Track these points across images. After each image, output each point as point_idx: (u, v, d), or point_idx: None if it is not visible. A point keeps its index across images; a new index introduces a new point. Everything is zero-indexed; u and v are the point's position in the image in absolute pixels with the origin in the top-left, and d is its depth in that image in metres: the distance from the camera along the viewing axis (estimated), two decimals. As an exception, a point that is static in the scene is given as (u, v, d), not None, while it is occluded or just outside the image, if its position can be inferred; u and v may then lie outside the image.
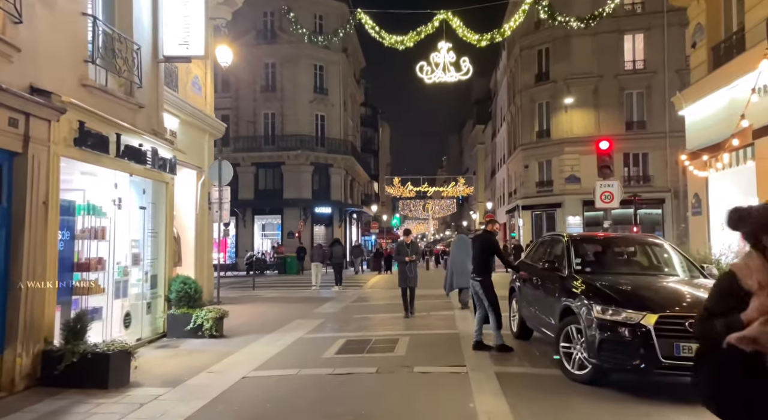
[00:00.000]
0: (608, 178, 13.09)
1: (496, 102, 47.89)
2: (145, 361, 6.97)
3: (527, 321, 7.61)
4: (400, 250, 10.99)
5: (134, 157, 7.46)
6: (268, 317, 11.08)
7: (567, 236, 6.94)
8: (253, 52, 34.63)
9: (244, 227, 34.64)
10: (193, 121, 12.46)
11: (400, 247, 11.03)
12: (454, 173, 68.80)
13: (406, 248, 10.85)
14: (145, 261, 8.22)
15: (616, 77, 30.00)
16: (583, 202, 30.06)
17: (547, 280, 6.82)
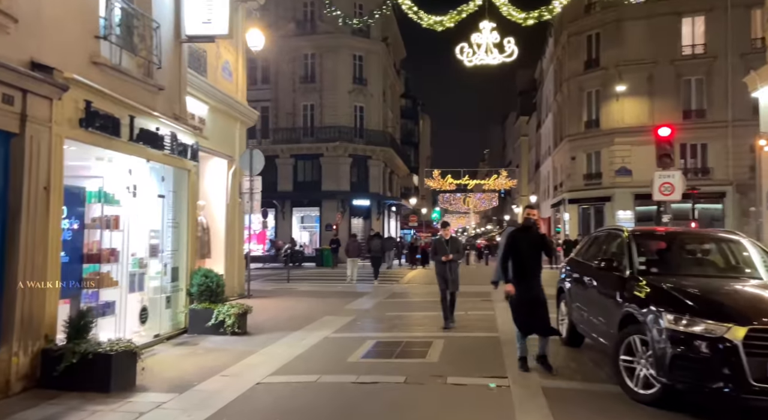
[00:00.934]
0: (668, 168, 11.88)
1: (542, 92, 46.08)
2: (158, 360, 6.52)
3: (578, 325, 6.73)
4: (437, 248, 9.10)
5: (150, 142, 6.99)
6: (296, 312, 10.55)
7: (627, 231, 6.01)
8: (293, 43, 34.37)
9: (282, 219, 34.56)
10: (223, 108, 12.04)
11: (438, 244, 9.15)
12: (496, 166, 67.02)
13: (444, 245, 9.01)
14: (165, 252, 7.78)
15: (672, 63, 28.05)
16: (634, 196, 28.37)
17: (603, 281, 5.93)
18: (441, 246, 9.05)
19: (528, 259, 5.95)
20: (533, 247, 6.02)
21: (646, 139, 28.01)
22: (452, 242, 9.18)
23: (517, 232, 6.14)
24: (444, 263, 8.88)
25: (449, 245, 9.02)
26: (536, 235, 6.14)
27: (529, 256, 5.96)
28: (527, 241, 6.00)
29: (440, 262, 8.92)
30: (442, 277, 8.93)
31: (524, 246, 5.97)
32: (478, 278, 20.74)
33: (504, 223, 32.06)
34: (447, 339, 7.66)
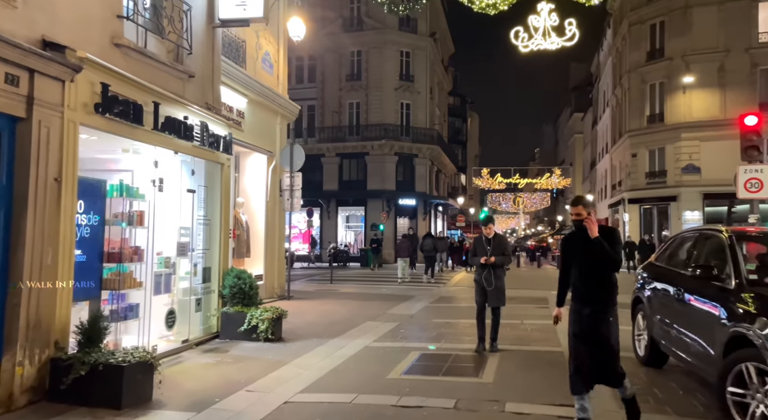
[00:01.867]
0: (755, 161, 10.46)
1: (598, 87, 43.83)
2: (183, 369, 5.96)
3: (661, 343, 5.68)
4: (477, 248, 7.30)
5: (178, 132, 6.45)
6: (336, 316, 9.88)
7: (727, 231, 4.94)
8: (339, 41, 34.03)
9: (328, 219, 34.26)
10: (263, 102, 11.55)
11: (477, 244, 7.32)
12: (548, 165, 64.69)
13: (484, 245, 7.19)
14: (195, 252, 7.25)
15: (747, 51, 25.74)
16: (703, 195, 26.28)
17: (698, 292, 4.89)
18: (481, 246, 7.22)
19: (587, 274, 4.14)
20: (593, 256, 4.07)
21: (716, 134, 25.94)
22: (496, 242, 7.19)
23: (572, 236, 4.35)
24: (483, 267, 7.08)
25: (491, 245, 7.14)
26: (596, 240, 4.07)
27: (588, 270, 4.14)
28: (584, 249, 4.11)
29: (479, 266, 7.19)
30: (479, 286, 7.14)
31: (581, 255, 4.18)
32: (531, 282, 19.53)
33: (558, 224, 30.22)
34: (503, 354, 6.76)
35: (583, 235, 4.09)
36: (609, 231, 4.19)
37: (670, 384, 5.43)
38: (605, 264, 4.08)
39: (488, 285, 7.03)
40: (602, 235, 4.05)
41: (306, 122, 35.22)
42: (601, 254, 4.02)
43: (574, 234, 4.28)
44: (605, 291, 4.12)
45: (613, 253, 4.05)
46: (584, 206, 4.12)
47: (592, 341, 4.07)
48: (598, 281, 4.12)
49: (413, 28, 34.58)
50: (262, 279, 11.73)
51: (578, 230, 4.18)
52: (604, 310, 4.08)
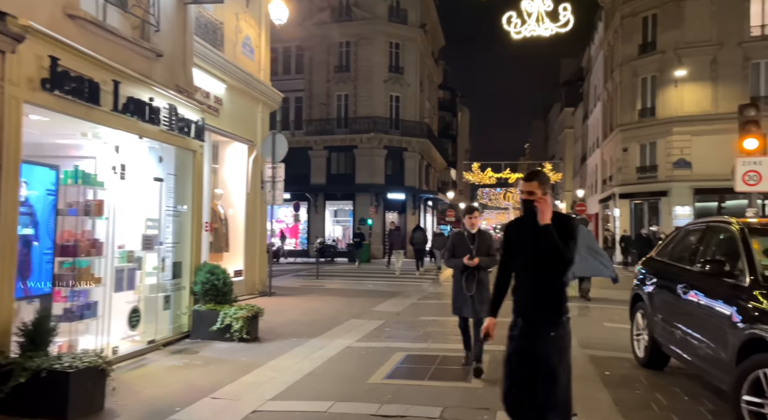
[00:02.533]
0: (755, 134, 10.06)
1: (589, 81, 43.60)
2: (145, 373, 5.46)
3: (663, 344, 5.27)
4: (456, 246, 5.80)
5: (141, 114, 5.92)
6: (319, 314, 9.41)
7: (740, 224, 4.53)
8: (327, 32, 33.36)
9: (316, 213, 33.70)
10: (243, 88, 11.00)
11: (458, 240, 5.85)
12: (538, 160, 64.54)
13: (467, 242, 5.72)
14: (164, 245, 6.73)
15: (740, 45, 25.50)
16: (694, 191, 26.10)
17: (707, 289, 4.48)
18: (462, 243, 5.73)
19: (532, 274, 3.09)
20: (541, 252, 3.02)
21: (708, 129, 25.73)
22: (481, 238, 5.72)
23: (518, 223, 3.30)
24: (465, 270, 5.63)
25: (476, 242, 5.66)
26: (545, 229, 3.01)
27: (534, 269, 3.08)
28: (533, 240, 3.06)
29: (459, 269, 5.70)
30: (458, 294, 5.71)
31: (527, 249, 3.11)
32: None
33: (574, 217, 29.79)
34: (493, 354, 6.31)
35: (533, 223, 3.00)
36: (564, 220, 3.07)
37: (674, 388, 5.03)
38: (554, 262, 2.99)
39: (468, 291, 5.58)
40: (555, 225, 2.98)
41: (293, 114, 34.58)
42: (548, 247, 2.94)
43: (521, 221, 3.19)
44: (551, 298, 3.06)
45: (564, 248, 2.95)
46: (540, 183, 3.03)
47: (531, 366, 2.98)
48: (543, 285, 3.05)
49: (403, 18, 34.01)
50: (242, 274, 11.23)
51: (528, 215, 3.06)
52: (547, 321, 3.03)
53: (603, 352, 6.43)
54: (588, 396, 4.82)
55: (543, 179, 3.08)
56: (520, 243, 3.15)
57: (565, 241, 2.97)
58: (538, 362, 2.97)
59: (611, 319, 9.08)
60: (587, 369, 5.66)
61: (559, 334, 3.05)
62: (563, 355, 3.04)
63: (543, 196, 3.02)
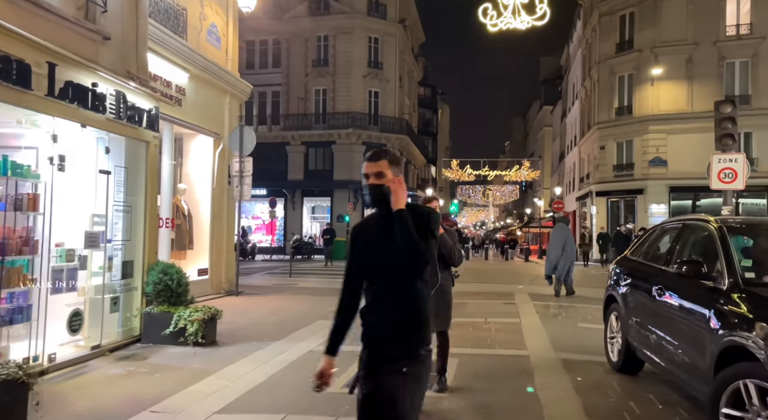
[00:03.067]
0: (729, 150, 10.02)
1: (568, 79, 43.77)
2: (83, 383, 5.02)
3: (638, 349, 5.02)
4: None
5: (83, 101, 5.45)
6: (286, 314, 9.01)
7: (718, 221, 4.27)
8: (305, 25, 32.81)
9: (293, 210, 33.20)
10: (208, 78, 10.50)
11: None
12: (517, 158, 64.80)
13: None
14: (112, 243, 6.27)
15: (714, 44, 25.74)
16: (669, 189, 26.30)
17: (683, 292, 4.22)
18: None
19: (384, 286, 2.30)
20: (395, 251, 2.22)
21: (683, 127, 25.92)
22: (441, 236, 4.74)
23: (370, 222, 2.45)
24: None
25: None
26: (398, 215, 2.23)
27: (387, 278, 2.28)
28: (381, 238, 2.29)
29: None
30: None
31: (379, 251, 2.31)
32: (499, 276, 18.95)
33: (554, 215, 29.57)
34: (462, 359, 6.02)
35: (387, 213, 2.24)
36: (421, 213, 2.29)
37: (648, 395, 4.78)
38: (411, 261, 2.20)
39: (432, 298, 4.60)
40: (413, 218, 2.21)
41: (270, 109, 33.97)
42: (404, 240, 2.15)
43: (370, 219, 2.42)
44: (408, 316, 2.23)
45: (420, 241, 2.17)
46: (391, 162, 2.31)
47: (379, 414, 2.15)
48: (398, 296, 2.23)
49: (382, 13, 33.63)
50: (207, 273, 10.77)
51: (378, 205, 2.30)
52: (401, 352, 2.20)
53: (576, 356, 6.17)
54: (559, 403, 4.55)
55: (393, 158, 2.34)
56: (371, 246, 2.29)
57: (423, 238, 2.19)
58: (385, 409, 2.13)
59: (585, 319, 8.88)
60: (559, 374, 5.39)
61: (414, 372, 2.19)
62: (417, 398, 2.25)
63: (395, 178, 2.29)
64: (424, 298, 2.29)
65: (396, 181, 2.29)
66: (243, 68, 32.98)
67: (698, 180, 23.79)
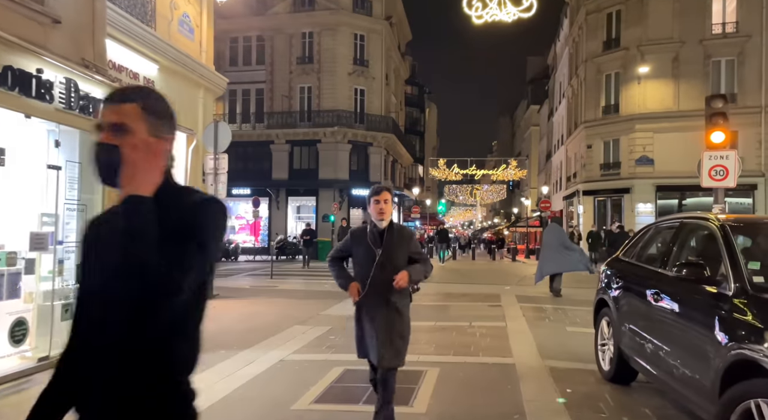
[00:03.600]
0: (721, 147, 9.73)
1: (555, 78, 43.69)
2: (22, 400, 4.50)
3: (632, 358, 4.64)
4: (351, 248, 3.72)
5: (25, 88, 4.94)
6: (260, 320, 8.55)
7: (720, 220, 3.90)
8: (289, 21, 32.29)
9: (277, 209, 32.63)
10: (180, 71, 9.99)
11: (357, 240, 3.67)
12: (505, 157, 64.76)
13: (368, 242, 3.58)
14: (64, 245, 5.75)
15: (701, 43, 25.67)
16: (656, 188, 26.20)
17: (683, 298, 3.84)
18: (361, 244, 3.61)
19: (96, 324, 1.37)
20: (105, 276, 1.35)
21: (670, 126, 25.82)
22: (394, 238, 3.57)
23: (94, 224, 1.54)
24: (360, 291, 3.56)
25: (388, 243, 3.54)
26: (132, 202, 1.24)
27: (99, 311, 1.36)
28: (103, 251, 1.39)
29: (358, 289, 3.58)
30: (360, 326, 3.66)
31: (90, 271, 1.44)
32: (486, 276, 18.59)
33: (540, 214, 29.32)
34: (444, 368, 5.60)
35: None
36: (192, 204, 1.34)
37: (643, 410, 4.40)
38: (124, 295, 1.26)
39: (372, 322, 3.48)
40: (168, 213, 1.29)
41: (254, 106, 33.37)
42: (123, 254, 1.21)
43: None
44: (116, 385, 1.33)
45: (152, 256, 1.20)
46: (146, 111, 1.34)
47: None
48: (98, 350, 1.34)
49: (368, 10, 33.19)
50: (179, 275, 10.24)
51: (110, 182, 1.30)
52: None
53: (565, 364, 5.79)
54: (550, 417, 4.15)
55: (154, 105, 1.37)
56: (89, 260, 1.45)
57: (178, 244, 1.25)
58: None
59: (574, 322, 8.52)
60: (547, 386, 4.99)
61: None
62: None
63: (148, 139, 1.30)
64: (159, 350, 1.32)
65: (142, 143, 1.28)
66: (226, 65, 32.56)
67: (685, 179, 23.84)
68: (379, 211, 3.57)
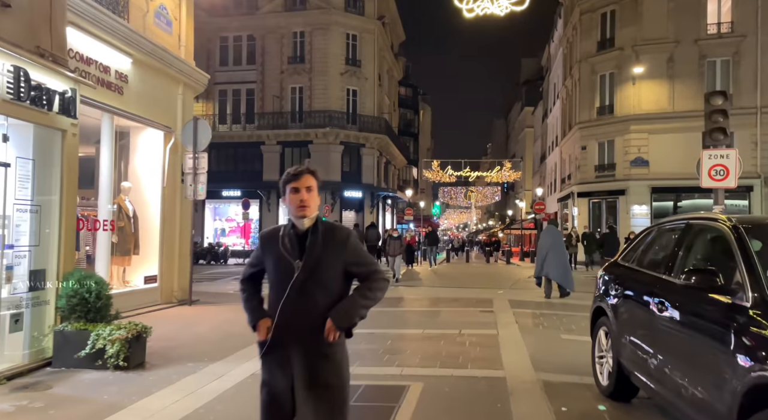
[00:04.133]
0: (720, 145, 9.37)
1: (549, 79, 43.42)
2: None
3: (633, 373, 4.20)
4: (265, 257, 2.55)
5: (-36, 76, 4.48)
6: (236, 328, 8.02)
7: (733, 221, 3.47)
8: (280, 20, 31.88)
9: (268, 211, 32.16)
10: (157, 65, 9.52)
11: (267, 245, 2.54)
12: (499, 159, 64.44)
13: (282, 253, 2.43)
14: (15, 249, 5.28)
15: (696, 43, 25.41)
16: (651, 189, 25.90)
17: (691, 309, 3.41)
18: (271, 250, 2.49)
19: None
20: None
21: (665, 127, 25.52)
22: (317, 243, 2.42)
23: None
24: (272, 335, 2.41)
25: (305, 254, 2.41)
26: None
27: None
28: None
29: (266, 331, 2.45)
30: (269, 396, 2.43)
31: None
32: (479, 279, 18.14)
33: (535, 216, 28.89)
34: (428, 382, 5.15)
35: None
36: None
37: (646, 431, 3.97)
38: None
39: (283, 375, 2.40)
40: None
41: (245, 107, 32.90)
42: None
43: None
44: None
45: None
46: None
47: None
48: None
49: (360, 9, 32.82)
50: (156, 281, 9.77)
51: None
52: None
53: (560, 377, 5.35)
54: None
55: None
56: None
57: None
58: None
59: (569, 329, 8.10)
60: (540, 403, 4.55)
61: None
62: None
63: None
64: None
65: None
66: (216, 65, 32.06)
67: (680, 180, 23.54)
68: (298, 204, 2.43)
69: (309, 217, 2.47)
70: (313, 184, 2.50)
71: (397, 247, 15.76)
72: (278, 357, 2.40)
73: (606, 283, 5.01)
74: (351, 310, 2.43)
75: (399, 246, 15.85)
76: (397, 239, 16.20)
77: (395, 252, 15.71)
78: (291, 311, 2.38)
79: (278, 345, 2.39)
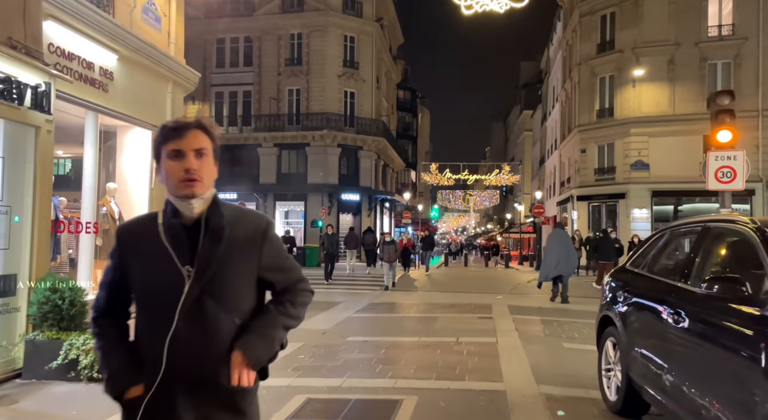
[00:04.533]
0: (728, 146, 9.06)
1: (548, 82, 43.21)
2: None
3: (644, 388, 3.87)
4: (140, 263, 1.65)
5: None
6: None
7: (757, 224, 3.15)
8: (278, 22, 31.59)
9: (264, 214, 31.78)
10: (144, 62, 9.18)
11: (137, 243, 1.69)
12: (498, 162, 64.22)
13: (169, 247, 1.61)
14: (-18, 252, 4.95)
15: (696, 45, 25.15)
16: (652, 193, 25.58)
17: (713, 320, 3.08)
18: (149, 249, 1.64)
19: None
20: None
21: (665, 130, 25.26)
22: (213, 237, 1.62)
23: None
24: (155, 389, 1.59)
25: (198, 254, 1.60)
26: None
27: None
28: None
29: None
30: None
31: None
32: (478, 284, 17.75)
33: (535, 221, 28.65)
34: (422, 396, 4.81)
35: None
36: None
37: (660, 453, 3.63)
38: None
39: None
40: None
41: (241, 109, 32.59)
42: None
43: None
44: None
45: None
46: None
47: None
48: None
49: (358, 11, 32.57)
50: (142, 285, 9.40)
51: None
52: None
53: (563, 390, 5.01)
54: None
55: None
56: None
57: None
58: None
59: (571, 337, 7.77)
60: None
61: None
62: None
63: None
64: None
65: None
66: (212, 67, 31.78)
67: (681, 184, 23.29)
68: (182, 177, 1.62)
69: (201, 198, 1.62)
70: (207, 145, 1.64)
71: (392, 253, 15.32)
72: (159, 416, 1.58)
73: (614, 290, 4.68)
74: (269, 336, 1.64)
75: (394, 251, 15.43)
76: (390, 244, 15.79)
77: (390, 259, 15.27)
78: (182, 351, 1.54)
79: (161, 402, 1.56)
